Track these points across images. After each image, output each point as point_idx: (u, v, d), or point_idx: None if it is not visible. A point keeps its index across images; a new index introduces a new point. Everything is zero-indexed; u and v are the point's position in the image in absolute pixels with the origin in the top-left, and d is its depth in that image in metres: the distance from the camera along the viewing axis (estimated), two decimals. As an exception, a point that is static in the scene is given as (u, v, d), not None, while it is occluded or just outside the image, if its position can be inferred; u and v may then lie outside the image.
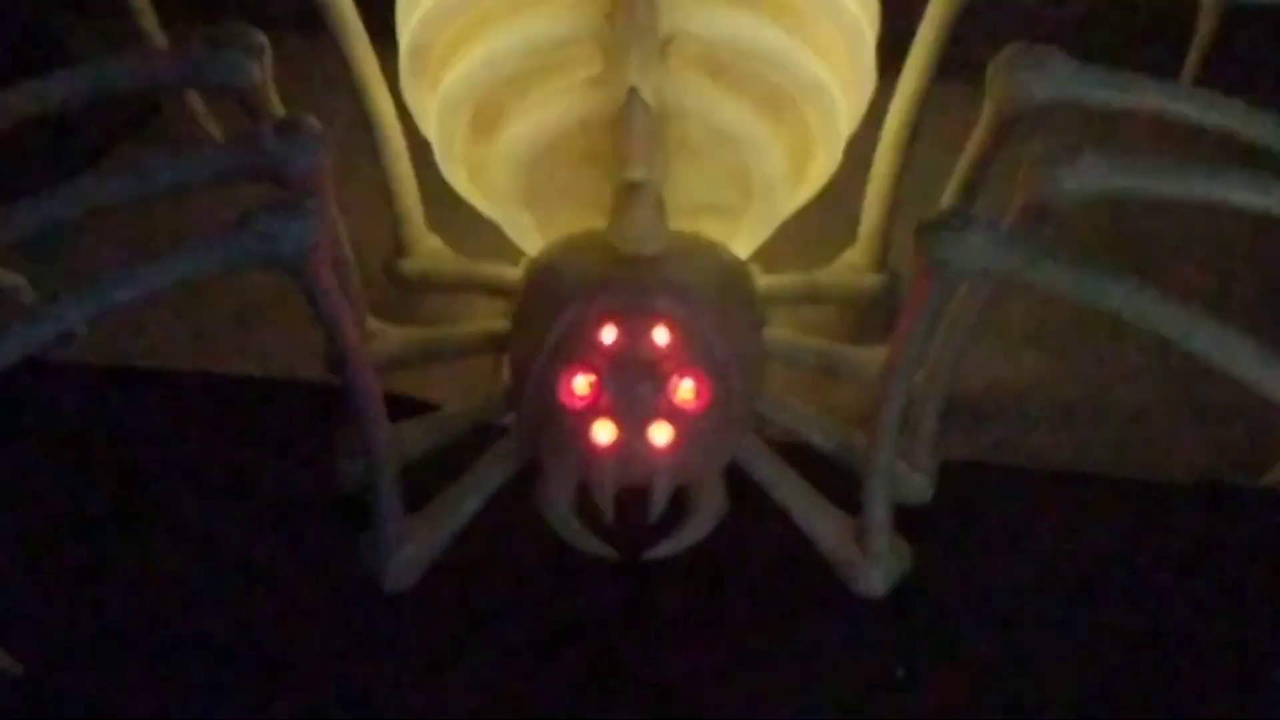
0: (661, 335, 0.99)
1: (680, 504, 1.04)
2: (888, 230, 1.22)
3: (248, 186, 0.97)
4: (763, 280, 1.14)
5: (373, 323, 1.16)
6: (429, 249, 1.25)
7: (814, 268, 1.25)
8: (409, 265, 1.24)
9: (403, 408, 1.10)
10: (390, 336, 1.17)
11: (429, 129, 1.16)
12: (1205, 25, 1.35)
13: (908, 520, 1.10)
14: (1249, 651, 1.09)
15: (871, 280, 1.24)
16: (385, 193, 1.22)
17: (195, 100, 1.32)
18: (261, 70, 1.05)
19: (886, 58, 1.17)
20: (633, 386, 0.99)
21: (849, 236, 1.24)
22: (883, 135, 1.19)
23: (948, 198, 1.10)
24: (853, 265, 1.24)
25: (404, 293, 1.26)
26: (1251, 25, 1.36)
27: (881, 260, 1.23)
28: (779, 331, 1.15)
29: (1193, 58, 1.36)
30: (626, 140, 1.02)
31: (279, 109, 1.07)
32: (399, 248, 1.24)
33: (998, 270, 0.93)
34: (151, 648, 1.10)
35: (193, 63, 1.05)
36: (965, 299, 0.99)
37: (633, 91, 1.02)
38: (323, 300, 0.96)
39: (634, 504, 1.03)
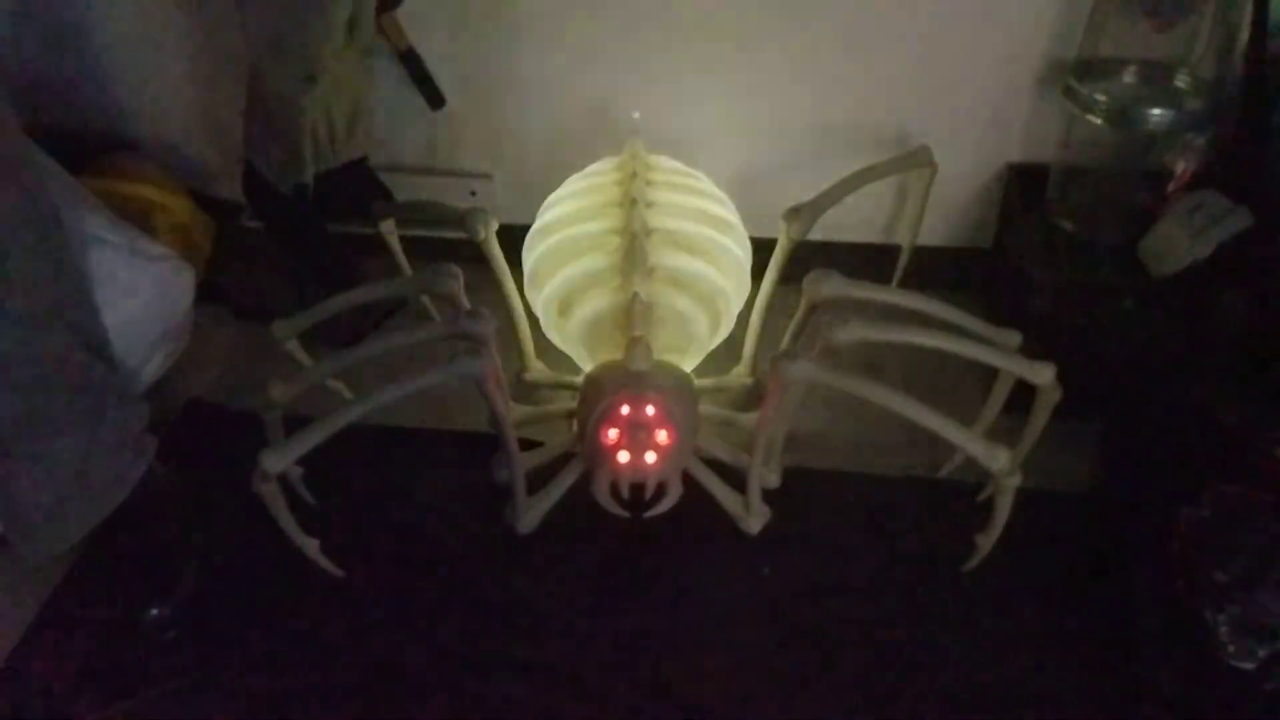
0: (650, 409, 1.00)
1: (660, 490, 1.05)
2: (756, 357, 1.22)
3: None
4: (697, 382, 1.14)
5: (511, 404, 1.15)
6: (537, 367, 1.25)
7: (720, 375, 1.25)
8: (527, 376, 1.25)
9: (527, 445, 1.10)
10: (517, 410, 1.17)
11: (538, 312, 1.17)
12: (904, 257, 1.36)
13: (768, 495, 1.10)
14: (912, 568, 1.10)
15: (748, 381, 1.24)
16: (516, 341, 1.22)
17: (425, 299, 1.32)
18: (459, 285, 1.07)
19: (755, 274, 1.18)
20: (637, 434, 1.00)
21: (736, 360, 1.24)
22: (753, 312, 1.19)
23: (785, 343, 1.11)
24: (739, 374, 1.24)
25: (525, 390, 1.25)
26: (927, 255, 1.38)
27: (753, 371, 1.24)
28: (705, 406, 1.15)
29: (896, 278, 1.36)
30: (632, 318, 1.03)
31: (466, 303, 1.07)
32: (522, 367, 1.24)
33: (812, 380, 0.95)
34: (418, 561, 1.12)
35: (426, 282, 1.07)
36: (793, 393, 0.99)
37: (635, 294, 1.04)
38: (490, 398, 0.98)
39: (637, 491, 1.04)
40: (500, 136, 1.43)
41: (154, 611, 1.04)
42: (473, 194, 1.45)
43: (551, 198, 1.21)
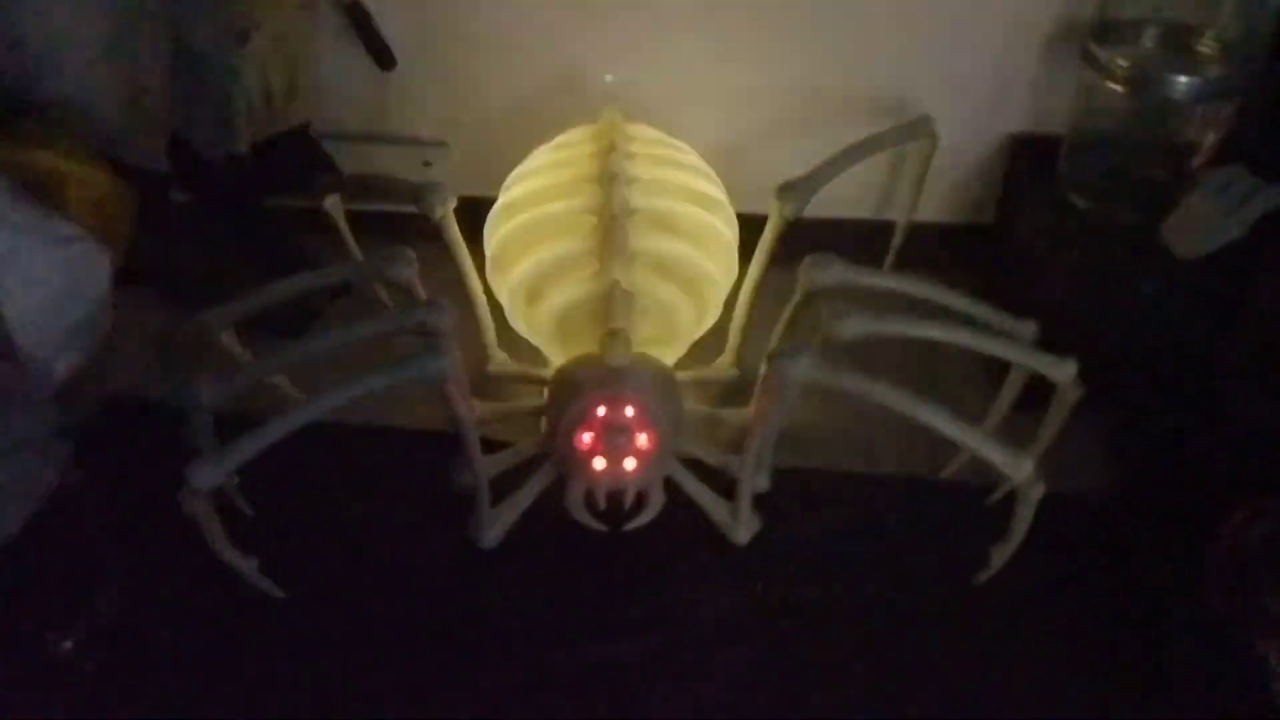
0: (630, 411, 0.92)
1: (640, 500, 0.96)
2: (742, 347, 1.13)
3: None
4: (680, 375, 1.05)
5: (473, 402, 1.05)
6: (501, 359, 1.15)
7: (702, 367, 1.15)
8: (490, 368, 1.15)
9: (489, 446, 1.00)
10: (479, 408, 1.07)
11: (503, 299, 1.06)
12: (898, 236, 1.27)
13: (757, 500, 1.01)
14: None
15: (733, 373, 1.15)
16: (477, 331, 1.12)
17: (379, 288, 1.21)
18: (412, 271, 0.97)
19: (741, 254, 1.09)
20: (614, 439, 0.92)
21: (719, 350, 1.15)
22: (739, 298, 1.09)
23: (775, 339, 1.02)
24: (722, 365, 1.15)
25: (487, 384, 1.15)
26: (923, 232, 1.29)
27: (738, 362, 1.14)
28: (688, 402, 1.06)
29: (890, 257, 1.27)
30: (610, 308, 0.94)
31: (423, 293, 0.97)
32: (484, 359, 1.14)
33: (815, 381, 0.86)
34: (372, 568, 1.02)
35: (376, 268, 0.97)
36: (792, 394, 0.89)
37: (615, 282, 0.95)
38: (451, 399, 0.88)
39: (615, 501, 0.96)
40: (458, 101, 1.32)
41: (65, 643, 0.93)
42: (427, 164, 1.35)
43: (518, 171, 1.11)
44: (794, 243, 1.03)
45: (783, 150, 1.15)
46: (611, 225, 0.97)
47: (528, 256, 1.01)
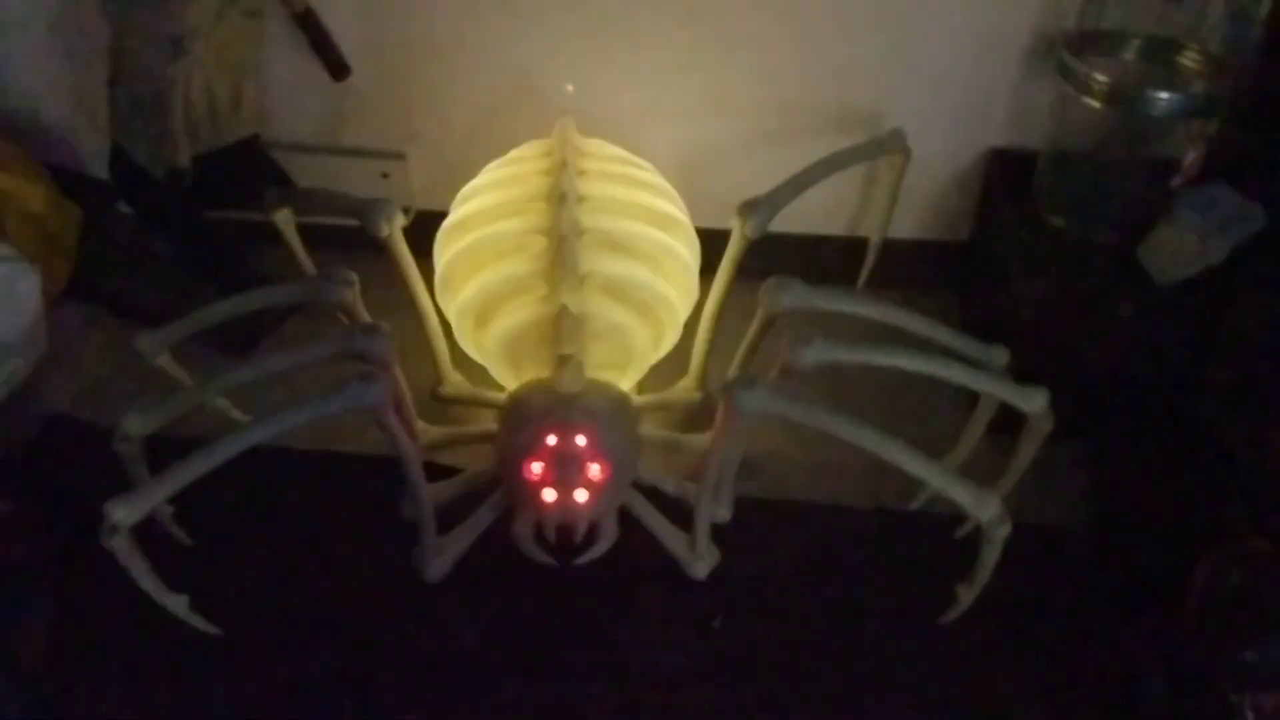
0: (581, 440, 0.88)
1: (592, 533, 0.92)
2: (704, 370, 1.09)
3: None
4: (637, 400, 1.01)
5: (420, 424, 1.02)
6: (455, 381, 1.11)
7: (664, 390, 1.11)
8: (443, 390, 1.11)
9: (438, 472, 0.97)
10: (431, 432, 1.04)
11: (452, 320, 1.03)
12: (872, 254, 1.24)
13: (717, 532, 0.98)
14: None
15: (695, 396, 1.11)
16: (430, 351, 1.08)
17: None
18: (353, 293, 0.94)
19: (705, 271, 1.05)
20: (565, 469, 0.88)
21: (682, 372, 1.11)
22: (702, 318, 1.06)
23: (734, 366, 0.99)
24: (685, 388, 1.11)
25: (440, 405, 1.11)
26: (898, 249, 1.25)
27: (701, 385, 1.10)
28: (647, 427, 1.03)
29: (864, 275, 1.25)
30: (560, 332, 0.90)
31: (365, 315, 0.94)
32: (438, 380, 1.10)
33: (771, 412, 0.82)
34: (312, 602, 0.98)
35: (316, 289, 0.93)
36: (748, 424, 0.85)
37: (564, 306, 0.91)
38: (389, 430, 0.85)
39: (566, 534, 0.92)
40: (416, 111, 1.28)
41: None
42: (385, 176, 1.30)
43: (468, 188, 1.08)
44: (764, 260, 1.00)
45: (749, 164, 1.13)
46: (561, 246, 0.93)
47: (476, 278, 0.97)
